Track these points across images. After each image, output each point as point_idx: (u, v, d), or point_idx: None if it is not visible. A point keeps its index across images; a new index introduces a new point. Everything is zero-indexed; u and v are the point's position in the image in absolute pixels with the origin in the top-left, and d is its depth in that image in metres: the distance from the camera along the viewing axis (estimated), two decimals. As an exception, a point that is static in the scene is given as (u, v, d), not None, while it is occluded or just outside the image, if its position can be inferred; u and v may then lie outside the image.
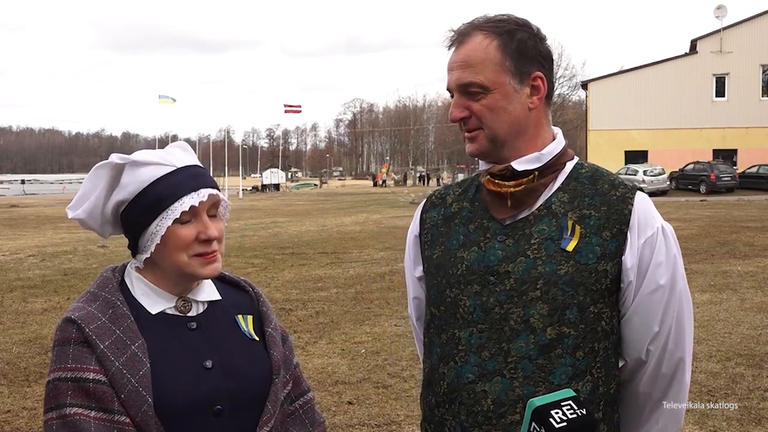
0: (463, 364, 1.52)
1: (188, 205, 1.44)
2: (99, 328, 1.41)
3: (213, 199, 1.49)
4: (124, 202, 1.48)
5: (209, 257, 1.47)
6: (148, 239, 1.46)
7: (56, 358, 1.40)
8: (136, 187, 1.46)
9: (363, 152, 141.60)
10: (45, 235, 19.98)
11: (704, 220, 19.05)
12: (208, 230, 1.47)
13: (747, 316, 7.76)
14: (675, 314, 1.54)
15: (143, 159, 1.48)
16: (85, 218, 1.51)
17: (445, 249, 1.63)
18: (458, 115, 1.57)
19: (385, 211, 27.30)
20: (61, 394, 1.36)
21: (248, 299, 1.65)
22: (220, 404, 1.45)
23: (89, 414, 1.34)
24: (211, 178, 1.53)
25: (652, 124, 40.89)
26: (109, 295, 1.47)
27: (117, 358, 1.38)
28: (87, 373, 1.37)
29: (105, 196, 1.50)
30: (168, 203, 1.44)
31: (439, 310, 1.61)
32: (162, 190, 1.45)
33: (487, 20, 1.58)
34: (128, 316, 1.44)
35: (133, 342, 1.41)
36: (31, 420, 5.11)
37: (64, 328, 1.42)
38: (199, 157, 1.60)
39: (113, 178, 1.49)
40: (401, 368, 6.12)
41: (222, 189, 1.65)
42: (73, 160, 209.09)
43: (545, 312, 1.48)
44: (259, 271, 11.86)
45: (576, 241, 1.51)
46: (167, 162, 1.49)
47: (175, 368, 1.43)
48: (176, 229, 1.45)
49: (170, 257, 1.46)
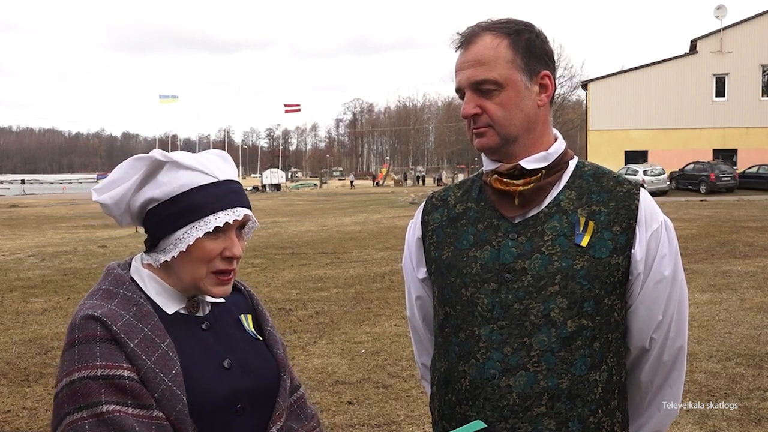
0: (486, 361, 1.56)
1: (223, 221, 1.43)
2: (126, 325, 1.38)
3: (245, 219, 1.49)
4: (155, 201, 1.46)
5: (227, 278, 1.47)
6: (172, 243, 1.45)
7: (79, 356, 1.34)
8: (174, 189, 1.44)
9: (363, 152, 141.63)
10: (45, 235, 19.98)
11: (704, 220, 19.06)
12: (233, 248, 1.46)
13: (747, 316, 7.76)
14: (677, 303, 1.62)
15: (186, 162, 1.46)
16: (109, 204, 1.49)
17: (455, 249, 1.65)
18: (471, 111, 1.59)
19: (385, 211, 27.30)
20: (93, 393, 1.31)
21: (243, 299, 1.65)
22: (241, 402, 1.46)
23: (127, 411, 1.31)
24: (247, 197, 1.52)
25: (652, 124, 40.89)
26: (129, 292, 1.45)
27: (148, 356, 1.36)
28: (120, 370, 1.33)
29: (136, 188, 1.48)
30: (203, 214, 1.43)
31: (454, 309, 1.63)
32: (200, 199, 1.43)
33: (493, 22, 1.63)
34: (153, 314, 1.42)
35: (162, 341, 1.39)
36: (31, 420, 5.11)
37: (86, 325, 1.37)
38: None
39: (150, 173, 1.47)
40: (401, 368, 6.12)
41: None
42: (73, 160, 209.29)
43: (565, 306, 1.53)
44: (259, 271, 11.87)
45: (589, 236, 1.56)
46: (209, 172, 1.47)
47: (201, 368, 1.43)
48: (204, 241, 1.43)
49: (190, 267, 1.45)
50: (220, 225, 1.43)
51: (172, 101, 63.43)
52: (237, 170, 1.58)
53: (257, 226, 1.58)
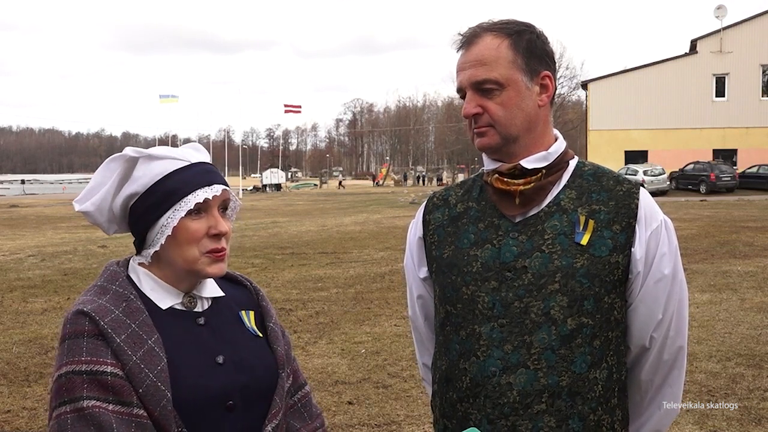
0: (486, 358, 1.57)
1: (202, 197, 1.45)
2: (114, 321, 1.39)
3: (225, 195, 1.51)
4: (135, 195, 1.48)
5: (219, 255, 1.49)
6: (158, 232, 1.46)
7: (68, 351, 1.37)
8: (150, 179, 1.47)
9: (363, 152, 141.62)
10: (45, 235, 19.99)
11: (704, 220, 19.06)
12: (218, 225, 1.48)
13: (747, 316, 7.76)
14: (677, 302, 1.63)
15: (158, 153, 1.49)
16: (92, 211, 1.50)
17: (456, 248, 1.67)
18: (472, 110, 1.60)
19: (385, 211, 27.30)
20: (76, 388, 1.33)
21: (248, 295, 1.66)
22: (232, 399, 1.46)
23: (107, 407, 1.33)
24: (222, 177, 1.55)
25: (652, 124, 40.88)
26: (121, 288, 1.46)
27: (134, 352, 1.37)
28: (104, 366, 1.35)
29: (116, 189, 1.49)
30: (181, 195, 1.45)
31: (455, 307, 1.64)
32: (176, 182, 1.46)
33: (494, 23, 1.64)
34: (142, 310, 1.44)
35: (149, 336, 1.40)
36: (31, 420, 5.11)
37: (75, 320, 1.39)
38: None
39: (126, 171, 1.49)
40: (401, 368, 6.13)
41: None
42: (73, 160, 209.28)
43: (565, 304, 1.54)
44: (259, 271, 11.86)
45: (589, 235, 1.57)
46: (182, 157, 1.50)
47: (190, 363, 1.44)
48: (187, 222, 1.45)
49: (180, 251, 1.46)
50: (200, 201, 1.45)
51: (173, 101, 63.50)
52: (210, 157, 1.60)
53: (240, 204, 1.60)
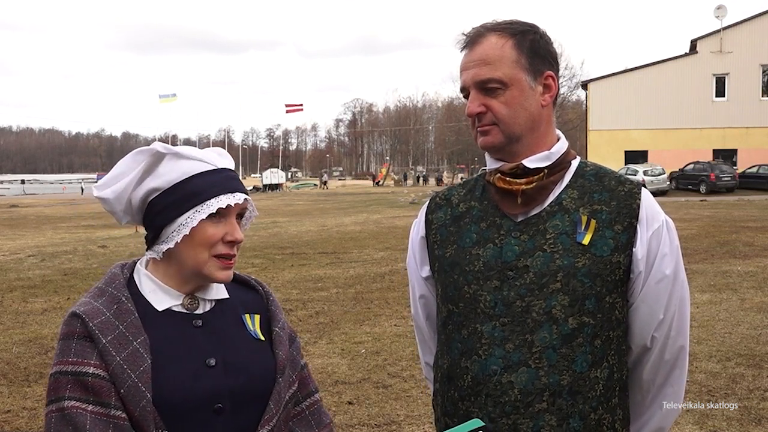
0: (488, 357, 1.57)
1: (225, 203, 1.47)
2: (103, 323, 1.42)
3: (245, 204, 1.53)
4: (157, 190, 1.49)
5: (229, 262, 1.50)
6: (176, 230, 1.47)
7: (60, 351, 1.42)
8: (175, 177, 1.48)
9: (363, 152, 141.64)
10: (45, 235, 19.99)
11: (704, 220, 19.06)
12: (235, 232, 1.50)
13: (747, 316, 7.76)
14: (678, 302, 1.63)
15: (186, 153, 1.51)
16: (111, 199, 1.51)
17: (459, 247, 1.67)
18: (475, 109, 1.61)
19: (385, 211, 27.30)
20: (61, 388, 1.38)
21: (258, 298, 1.65)
22: (221, 402, 1.46)
23: (86, 408, 1.36)
24: (244, 186, 1.56)
25: (652, 124, 40.88)
26: (116, 290, 1.49)
27: (119, 353, 1.40)
28: (87, 367, 1.38)
29: (138, 181, 1.50)
30: (205, 198, 1.47)
31: (457, 306, 1.65)
32: (201, 184, 1.48)
33: (497, 23, 1.65)
34: (132, 311, 1.45)
35: (135, 338, 1.42)
36: (31, 420, 5.11)
37: (69, 322, 1.44)
38: None
39: (150, 165, 1.50)
40: (401, 368, 6.13)
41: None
42: (73, 160, 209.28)
43: (566, 303, 1.55)
44: (259, 271, 11.86)
45: (591, 234, 1.58)
46: (209, 160, 1.52)
47: (176, 365, 1.44)
48: (206, 225, 1.47)
49: (192, 253, 1.48)
50: (222, 207, 1.47)
51: (172, 100, 63.61)
52: (234, 164, 1.62)
53: (256, 214, 1.62)
